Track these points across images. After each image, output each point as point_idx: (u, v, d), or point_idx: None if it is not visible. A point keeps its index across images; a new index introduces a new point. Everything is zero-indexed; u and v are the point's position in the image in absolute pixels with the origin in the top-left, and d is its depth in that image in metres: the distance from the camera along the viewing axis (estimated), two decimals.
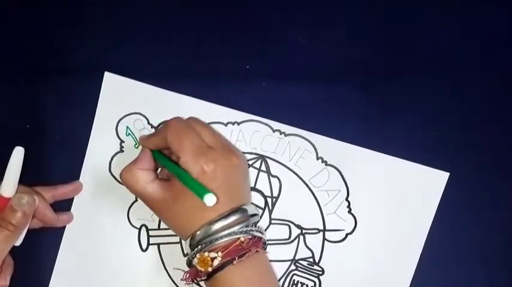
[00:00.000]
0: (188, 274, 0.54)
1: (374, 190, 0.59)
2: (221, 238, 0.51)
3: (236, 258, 0.51)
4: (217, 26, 0.60)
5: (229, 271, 0.51)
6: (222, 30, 0.60)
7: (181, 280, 0.54)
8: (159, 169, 0.57)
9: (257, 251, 0.52)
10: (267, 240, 0.59)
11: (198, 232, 0.51)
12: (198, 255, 0.51)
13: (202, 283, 0.54)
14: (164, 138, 0.53)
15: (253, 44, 0.60)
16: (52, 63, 0.61)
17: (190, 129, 0.53)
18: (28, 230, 0.56)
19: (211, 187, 0.50)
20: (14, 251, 0.55)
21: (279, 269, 0.60)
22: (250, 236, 0.52)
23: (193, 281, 0.54)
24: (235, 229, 0.52)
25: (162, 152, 0.56)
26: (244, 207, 0.53)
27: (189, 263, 0.53)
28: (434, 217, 0.58)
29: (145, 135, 0.58)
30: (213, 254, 0.51)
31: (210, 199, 0.49)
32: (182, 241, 0.59)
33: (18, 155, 0.54)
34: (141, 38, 0.60)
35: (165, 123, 0.55)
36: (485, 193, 0.59)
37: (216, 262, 0.51)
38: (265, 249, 0.55)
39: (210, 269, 0.51)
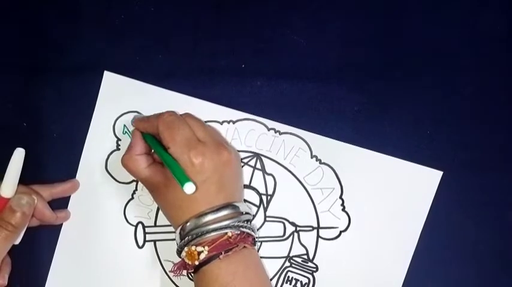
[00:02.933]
0: (177, 267, 0.55)
1: (368, 188, 0.60)
2: (209, 231, 0.52)
3: (222, 253, 0.52)
4: (213, 25, 0.60)
5: (216, 265, 0.52)
6: (218, 30, 0.60)
7: (170, 271, 0.55)
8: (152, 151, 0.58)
9: (245, 247, 0.53)
10: (262, 237, 0.60)
11: (188, 223, 0.52)
12: (185, 248, 0.52)
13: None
14: (155, 127, 0.54)
15: (249, 43, 0.60)
16: (51, 62, 0.61)
17: (182, 122, 0.54)
18: (26, 228, 0.56)
19: (197, 179, 0.51)
20: (11, 250, 0.55)
21: (274, 265, 0.60)
22: (239, 232, 0.53)
23: (187, 274, 0.55)
24: (224, 223, 0.52)
25: (154, 137, 0.56)
26: (236, 204, 0.54)
27: (179, 254, 0.54)
28: (428, 215, 0.59)
29: (140, 117, 0.59)
30: (199, 248, 0.52)
31: (189, 187, 0.50)
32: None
33: (18, 156, 0.54)
34: (140, 37, 0.61)
35: (158, 114, 0.56)
36: (478, 191, 0.59)
37: (202, 256, 0.51)
38: (255, 245, 0.56)
39: (196, 263, 0.52)
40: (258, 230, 0.60)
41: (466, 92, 0.59)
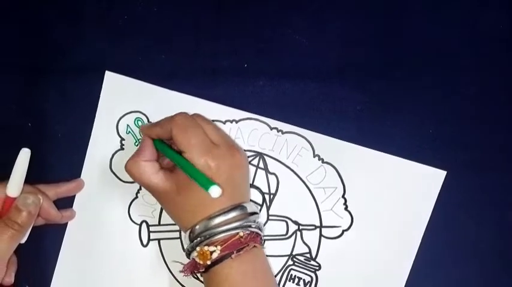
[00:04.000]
0: (187, 267, 0.55)
1: (370, 187, 0.60)
2: (220, 232, 0.52)
3: (234, 252, 0.52)
4: (215, 25, 0.61)
5: (227, 265, 0.52)
6: (220, 29, 0.61)
7: (180, 272, 0.55)
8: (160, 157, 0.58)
9: (255, 246, 0.53)
10: (265, 235, 0.60)
11: (198, 226, 0.53)
12: (197, 248, 0.53)
13: (199, 275, 0.56)
14: (168, 131, 0.54)
15: (251, 42, 0.60)
16: (53, 62, 0.61)
17: (196, 125, 0.54)
18: (32, 227, 0.57)
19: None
20: (17, 249, 0.56)
21: (277, 264, 0.61)
22: (249, 232, 0.53)
23: (192, 273, 0.55)
24: (234, 225, 0.53)
25: (164, 142, 0.56)
26: (244, 205, 0.54)
27: (188, 255, 0.55)
28: (431, 215, 0.59)
29: (148, 124, 0.59)
30: (212, 248, 0.52)
31: (215, 191, 0.50)
32: (182, 233, 0.61)
33: (24, 156, 0.55)
34: (141, 37, 0.61)
35: (170, 117, 0.55)
36: (482, 191, 0.59)
37: (214, 255, 0.52)
38: (263, 245, 0.56)
39: (208, 263, 0.52)
40: None
41: (468, 92, 0.59)
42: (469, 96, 0.59)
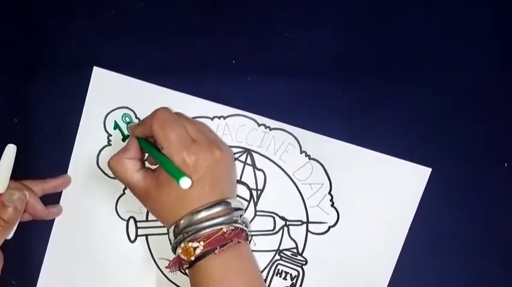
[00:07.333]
0: (172, 263, 0.55)
1: (356, 184, 0.60)
2: (204, 228, 0.53)
3: (217, 248, 0.52)
4: (204, 21, 0.60)
5: (210, 261, 0.53)
6: (208, 26, 0.60)
7: (166, 267, 0.56)
8: (146, 157, 0.59)
9: (239, 242, 0.54)
10: (252, 231, 0.61)
11: (182, 221, 0.53)
12: (181, 244, 0.53)
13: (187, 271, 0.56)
14: (150, 127, 0.54)
15: (239, 39, 0.60)
16: (41, 57, 0.61)
17: (176, 121, 0.54)
18: (18, 223, 0.57)
19: (192, 178, 0.52)
20: (3, 245, 0.56)
21: (264, 258, 0.61)
22: (233, 227, 0.54)
23: (179, 269, 0.55)
24: (218, 220, 0.53)
25: (148, 140, 0.57)
26: (228, 200, 0.54)
27: (174, 251, 0.55)
28: (417, 211, 0.59)
29: (136, 123, 0.59)
30: (195, 244, 0.52)
31: (185, 182, 0.51)
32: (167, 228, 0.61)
33: (10, 152, 0.55)
34: (130, 33, 0.61)
35: (152, 113, 0.56)
36: (467, 188, 0.60)
37: (198, 251, 0.52)
38: (248, 241, 0.57)
39: (192, 259, 0.53)
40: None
41: (456, 89, 0.60)
42: (455, 95, 0.60)
